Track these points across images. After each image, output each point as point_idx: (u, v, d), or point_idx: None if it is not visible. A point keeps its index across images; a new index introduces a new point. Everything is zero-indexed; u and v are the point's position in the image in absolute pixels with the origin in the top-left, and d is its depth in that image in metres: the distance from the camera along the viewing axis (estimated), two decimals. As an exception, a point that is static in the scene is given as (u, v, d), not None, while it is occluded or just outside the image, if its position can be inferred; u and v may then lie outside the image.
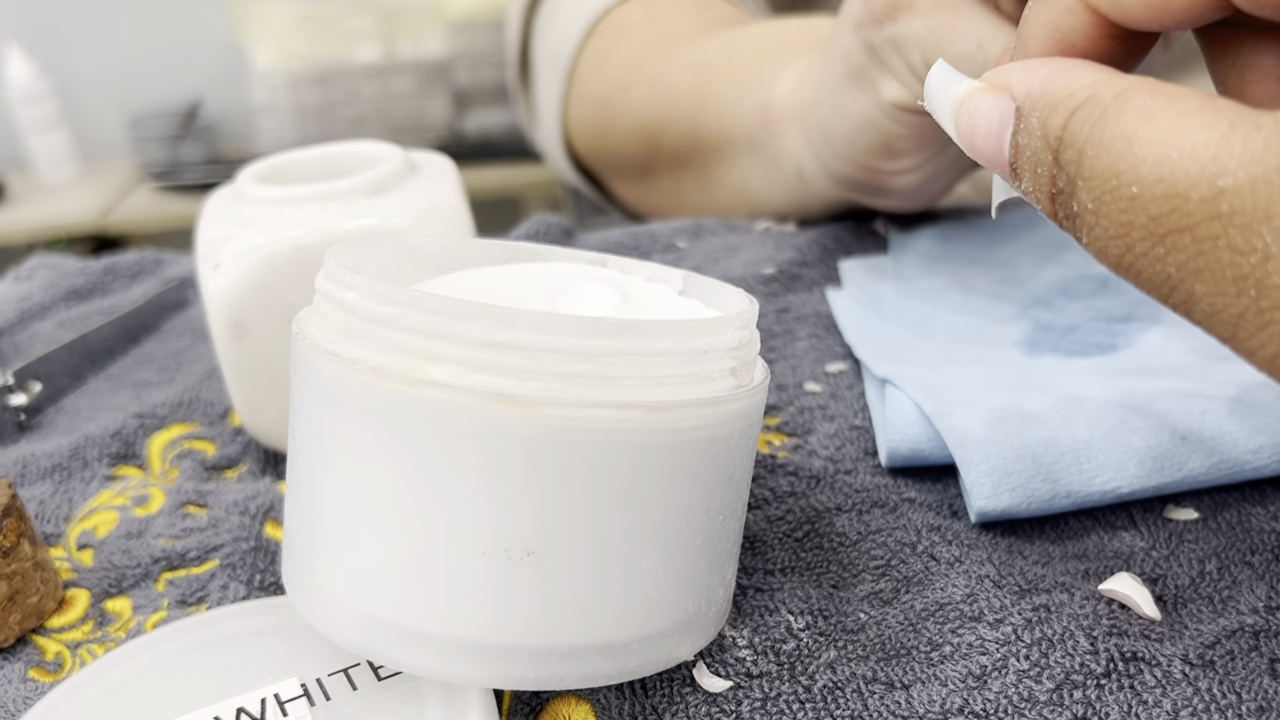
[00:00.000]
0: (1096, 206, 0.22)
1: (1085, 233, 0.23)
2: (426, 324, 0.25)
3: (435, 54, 2.02)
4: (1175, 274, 0.21)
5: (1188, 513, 0.35)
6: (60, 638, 0.34)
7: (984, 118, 0.25)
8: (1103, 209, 0.22)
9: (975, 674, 0.29)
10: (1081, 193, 0.22)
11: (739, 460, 0.28)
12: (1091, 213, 0.22)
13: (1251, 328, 0.20)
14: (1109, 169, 0.21)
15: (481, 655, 0.26)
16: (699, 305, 0.33)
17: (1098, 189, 0.22)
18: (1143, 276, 0.22)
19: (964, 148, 0.26)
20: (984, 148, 0.25)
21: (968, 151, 0.26)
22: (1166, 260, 0.21)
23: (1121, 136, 0.21)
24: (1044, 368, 0.41)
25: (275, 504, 0.39)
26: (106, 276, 0.61)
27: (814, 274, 0.54)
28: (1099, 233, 0.22)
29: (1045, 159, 0.23)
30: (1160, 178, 0.20)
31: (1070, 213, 0.23)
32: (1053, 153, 0.23)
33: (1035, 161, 0.24)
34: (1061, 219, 0.24)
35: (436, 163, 0.43)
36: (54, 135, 2.08)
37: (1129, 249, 0.22)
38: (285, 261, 0.38)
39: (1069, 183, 0.23)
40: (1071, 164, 0.22)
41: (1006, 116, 0.24)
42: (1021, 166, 0.24)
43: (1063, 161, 0.23)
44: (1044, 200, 0.24)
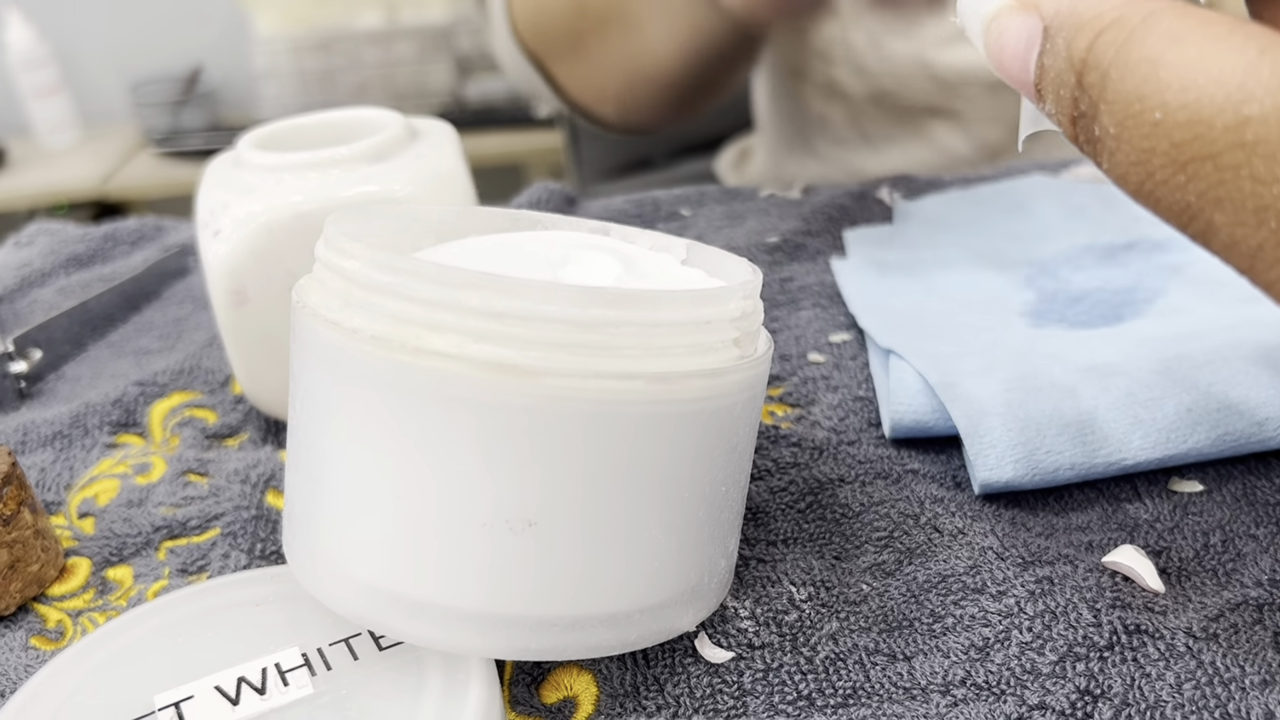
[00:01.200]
0: (1118, 131, 0.21)
1: (1106, 158, 0.22)
2: (427, 293, 0.25)
3: (438, 20, 2.00)
4: (1195, 203, 0.20)
5: (1193, 485, 0.35)
6: (61, 606, 0.34)
7: (1012, 36, 0.24)
8: (1124, 134, 0.21)
9: (978, 646, 0.29)
10: (1104, 117, 0.22)
11: (742, 431, 0.28)
12: (1113, 137, 0.22)
13: (1270, 259, 0.20)
14: (1132, 93, 0.21)
15: (483, 626, 0.26)
16: (702, 275, 0.33)
17: (1120, 113, 0.21)
18: (1162, 204, 0.21)
19: (993, 67, 0.25)
20: (1011, 67, 0.25)
21: (996, 71, 0.25)
22: (1187, 188, 0.20)
23: (1147, 60, 0.21)
24: (1049, 339, 0.41)
25: (276, 472, 0.39)
26: (107, 243, 0.60)
27: (818, 243, 0.54)
28: (1120, 158, 0.22)
29: (1069, 81, 0.23)
30: (1185, 104, 0.20)
31: (1091, 137, 0.22)
32: (1076, 75, 0.22)
33: (1059, 83, 0.23)
34: (1082, 143, 0.23)
35: (438, 129, 0.43)
36: (54, 101, 2.07)
37: (1149, 176, 0.21)
38: (285, 229, 0.37)
39: (1091, 106, 0.22)
40: (1095, 87, 0.22)
41: (1034, 36, 0.24)
42: (1046, 88, 0.24)
43: (1086, 84, 0.22)
44: (1066, 123, 0.23)
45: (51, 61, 2.04)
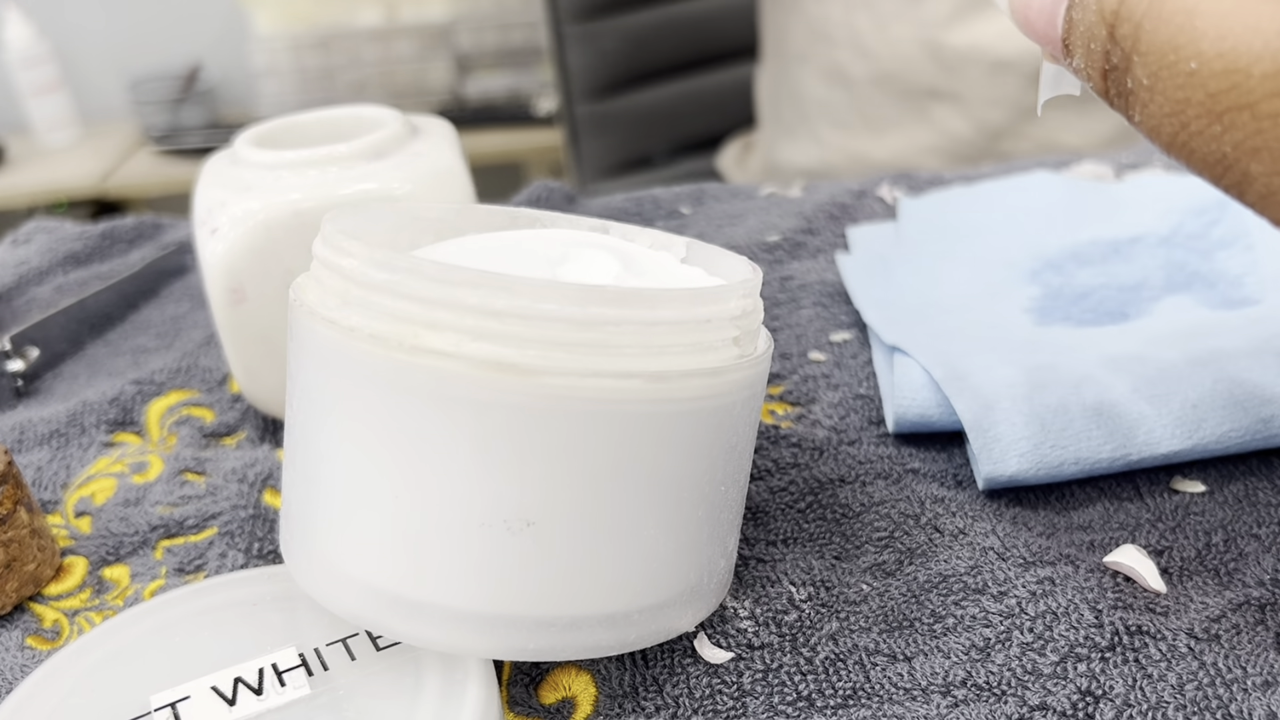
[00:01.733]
0: (1152, 83, 0.21)
1: (1139, 110, 0.22)
2: (425, 291, 0.25)
3: (437, 18, 2.00)
4: (1231, 153, 0.20)
5: (1194, 485, 0.35)
6: (58, 605, 0.34)
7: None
8: (1158, 85, 0.21)
9: (979, 646, 0.29)
10: (1137, 68, 0.22)
11: (741, 430, 0.28)
12: (1146, 89, 0.21)
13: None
14: (1167, 43, 0.21)
15: (481, 626, 0.26)
16: (701, 273, 0.32)
17: (1154, 64, 0.21)
18: (1196, 156, 0.21)
19: (1017, 24, 0.25)
20: (1037, 23, 0.24)
21: (1021, 28, 0.25)
22: (1223, 139, 0.20)
23: (1181, 10, 0.21)
24: (1055, 336, 0.41)
25: (274, 471, 0.39)
26: (105, 241, 0.60)
27: (818, 241, 0.54)
28: (1153, 109, 0.21)
29: (1100, 34, 0.23)
30: (1221, 53, 0.20)
31: (1123, 89, 0.22)
32: (1108, 27, 0.22)
33: (1089, 37, 0.23)
34: (1113, 96, 0.23)
35: (437, 127, 0.43)
36: (53, 98, 2.07)
37: (1184, 126, 0.21)
38: (283, 227, 0.37)
39: (1124, 58, 0.22)
40: (1127, 39, 0.22)
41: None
42: (1074, 42, 0.23)
43: (1118, 36, 0.22)
44: (1096, 77, 0.23)
45: (50, 59, 2.04)
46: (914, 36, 0.70)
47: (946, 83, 0.69)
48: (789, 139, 0.80)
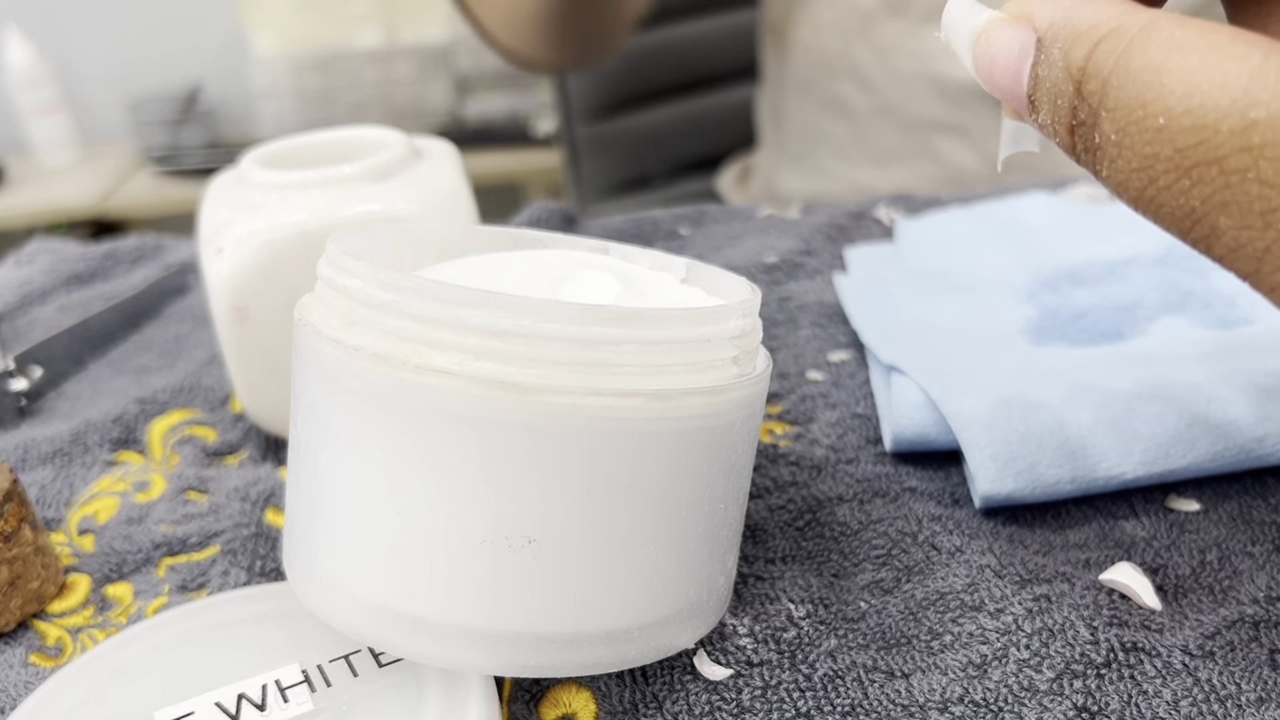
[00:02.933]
0: (1120, 138, 0.22)
1: (1106, 165, 0.22)
2: (428, 311, 0.25)
3: (436, 39, 2.01)
4: (1200, 207, 0.21)
5: (1189, 503, 0.35)
6: (61, 623, 0.34)
7: (1003, 49, 0.24)
8: (1126, 140, 0.21)
9: (976, 663, 0.29)
10: (1105, 124, 0.22)
11: (740, 449, 0.28)
12: (1114, 144, 0.22)
13: (1276, 262, 0.20)
14: (1135, 100, 0.21)
15: (482, 642, 0.26)
16: (701, 293, 0.33)
17: (1122, 120, 0.21)
18: (1164, 210, 0.21)
19: (981, 80, 0.26)
20: (1002, 80, 0.25)
21: (985, 85, 0.25)
22: (1191, 193, 0.21)
23: (1149, 67, 0.21)
24: (1050, 356, 0.41)
25: (276, 490, 0.39)
26: (107, 261, 0.61)
27: (816, 262, 0.54)
28: (1121, 165, 0.22)
29: (1066, 90, 0.23)
30: (1189, 109, 0.20)
31: (1091, 145, 0.23)
32: (1075, 84, 0.23)
33: (1056, 93, 0.23)
34: (1081, 152, 0.23)
35: (440, 149, 0.43)
36: (54, 119, 2.08)
37: (1152, 181, 0.21)
38: (288, 247, 0.37)
39: (1091, 114, 0.22)
40: (1095, 95, 0.22)
41: (1027, 47, 0.24)
42: (1040, 99, 0.24)
43: (1085, 92, 0.22)
44: (1063, 133, 0.23)
45: (51, 80, 2.05)
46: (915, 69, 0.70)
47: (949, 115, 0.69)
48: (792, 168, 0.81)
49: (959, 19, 0.26)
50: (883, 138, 0.73)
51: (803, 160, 0.79)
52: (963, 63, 0.26)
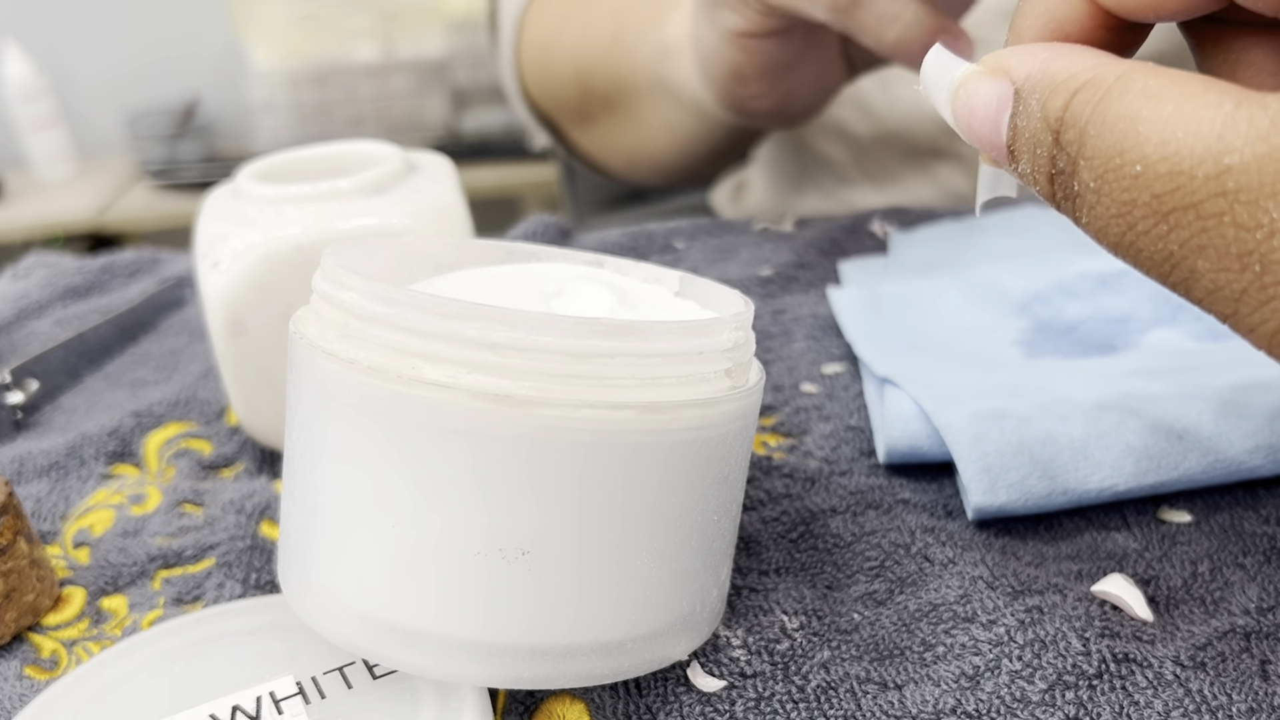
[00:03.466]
0: (1098, 185, 0.22)
1: (1085, 212, 0.23)
2: (423, 324, 0.25)
3: (433, 53, 2.02)
4: (1178, 251, 0.21)
5: (1181, 515, 0.35)
6: (56, 635, 0.34)
7: (982, 100, 0.25)
8: (1105, 188, 0.22)
9: (968, 674, 0.30)
10: (1083, 172, 0.22)
11: (734, 461, 0.29)
12: (1093, 192, 0.22)
13: (1254, 303, 0.20)
14: (1112, 148, 0.22)
15: (476, 654, 0.26)
16: (695, 306, 0.33)
17: (1100, 168, 0.22)
18: (1143, 255, 0.22)
19: (960, 132, 0.26)
20: (981, 130, 0.25)
21: (964, 136, 0.26)
22: (1169, 238, 0.21)
23: (1125, 116, 0.21)
24: (1043, 368, 0.42)
25: (271, 503, 0.39)
26: (104, 275, 0.61)
27: (810, 275, 0.54)
28: (1100, 211, 0.22)
29: (1045, 140, 0.23)
30: (1165, 156, 0.21)
31: (1070, 193, 0.23)
32: (1053, 133, 0.23)
33: (1035, 143, 0.24)
34: (1060, 200, 0.24)
35: (436, 163, 0.43)
36: (51, 133, 2.08)
37: (1130, 227, 0.22)
38: (284, 260, 0.38)
39: (1070, 163, 0.23)
40: (1073, 144, 0.23)
41: (1005, 99, 0.24)
42: (1020, 148, 0.24)
43: (1064, 142, 0.23)
44: (1043, 181, 0.24)
45: (48, 94, 2.05)
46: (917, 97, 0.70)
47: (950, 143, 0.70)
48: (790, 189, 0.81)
49: (937, 72, 0.27)
50: (883, 163, 0.73)
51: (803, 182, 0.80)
52: (942, 114, 0.27)
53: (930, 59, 0.27)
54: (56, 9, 2.15)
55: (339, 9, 2.00)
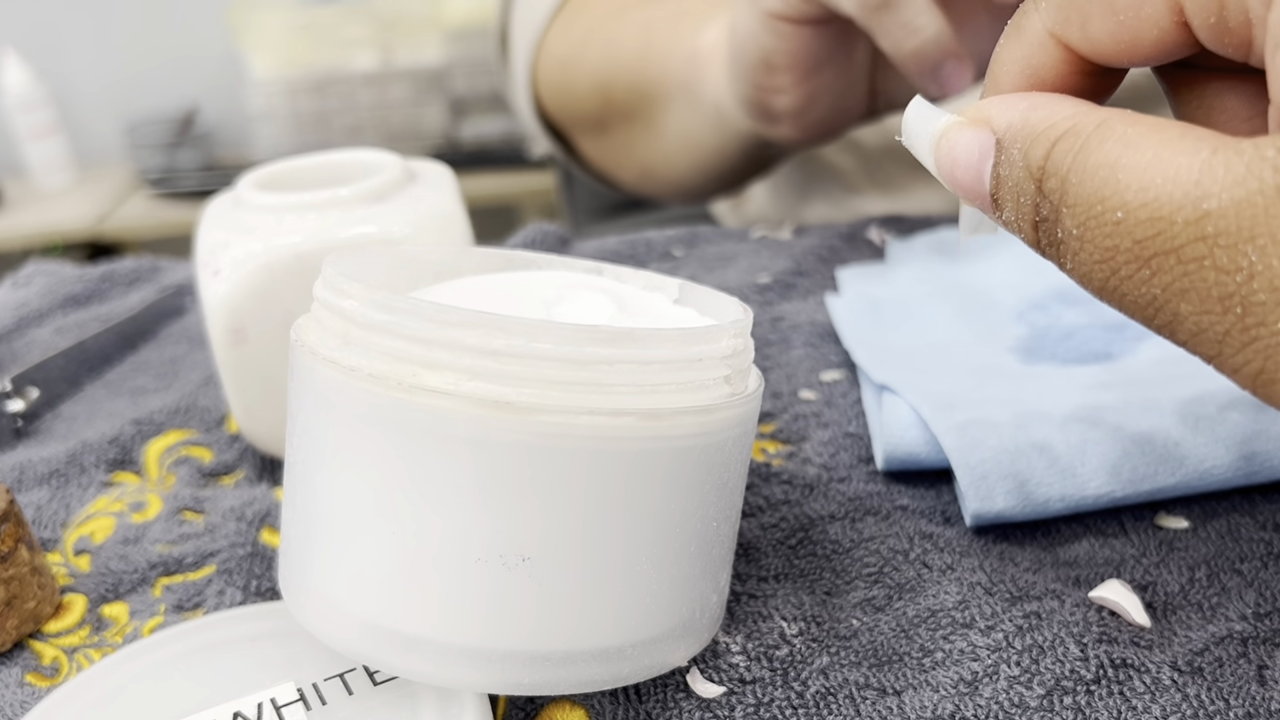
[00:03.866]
0: (1081, 232, 0.22)
1: (1069, 258, 0.23)
2: (423, 331, 0.26)
3: (432, 62, 2.02)
4: (1161, 295, 0.21)
5: (1178, 521, 0.35)
6: (57, 643, 0.34)
7: (964, 150, 0.25)
8: (1087, 234, 0.22)
9: (967, 680, 0.30)
10: (1066, 219, 0.23)
11: (733, 467, 0.29)
12: (1076, 238, 0.23)
13: (1236, 344, 0.21)
14: (1093, 195, 0.22)
15: (477, 660, 0.27)
16: (694, 313, 0.33)
17: (1082, 215, 0.22)
18: (1127, 299, 0.22)
19: (944, 181, 0.27)
20: (964, 179, 0.26)
21: (947, 185, 0.26)
22: (1152, 282, 0.21)
23: (1105, 164, 0.22)
24: (1040, 375, 0.42)
25: (272, 510, 0.39)
26: (104, 283, 0.61)
27: (809, 283, 0.55)
28: (1083, 257, 0.23)
29: (1028, 189, 0.24)
30: (1145, 202, 0.21)
31: (1054, 239, 0.24)
32: (1035, 182, 0.23)
33: (1018, 191, 0.24)
34: (1044, 246, 0.24)
35: (435, 171, 0.43)
36: (50, 142, 2.08)
37: (1114, 272, 0.22)
38: (285, 268, 0.38)
39: (1053, 210, 0.23)
40: (1055, 192, 0.23)
41: (987, 149, 0.25)
42: (1003, 197, 0.25)
43: (1046, 190, 0.23)
44: (1027, 229, 0.24)
45: (48, 103, 2.06)
46: None
47: None
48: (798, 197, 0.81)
49: (918, 123, 0.27)
50: (891, 173, 0.74)
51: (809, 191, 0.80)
52: (924, 164, 0.27)
53: (911, 110, 0.27)
54: (55, 18, 2.15)
55: (338, 18, 2.00)
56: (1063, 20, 0.25)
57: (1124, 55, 0.25)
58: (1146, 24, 0.24)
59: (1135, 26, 0.24)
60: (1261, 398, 0.21)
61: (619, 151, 0.74)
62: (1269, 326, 0.20)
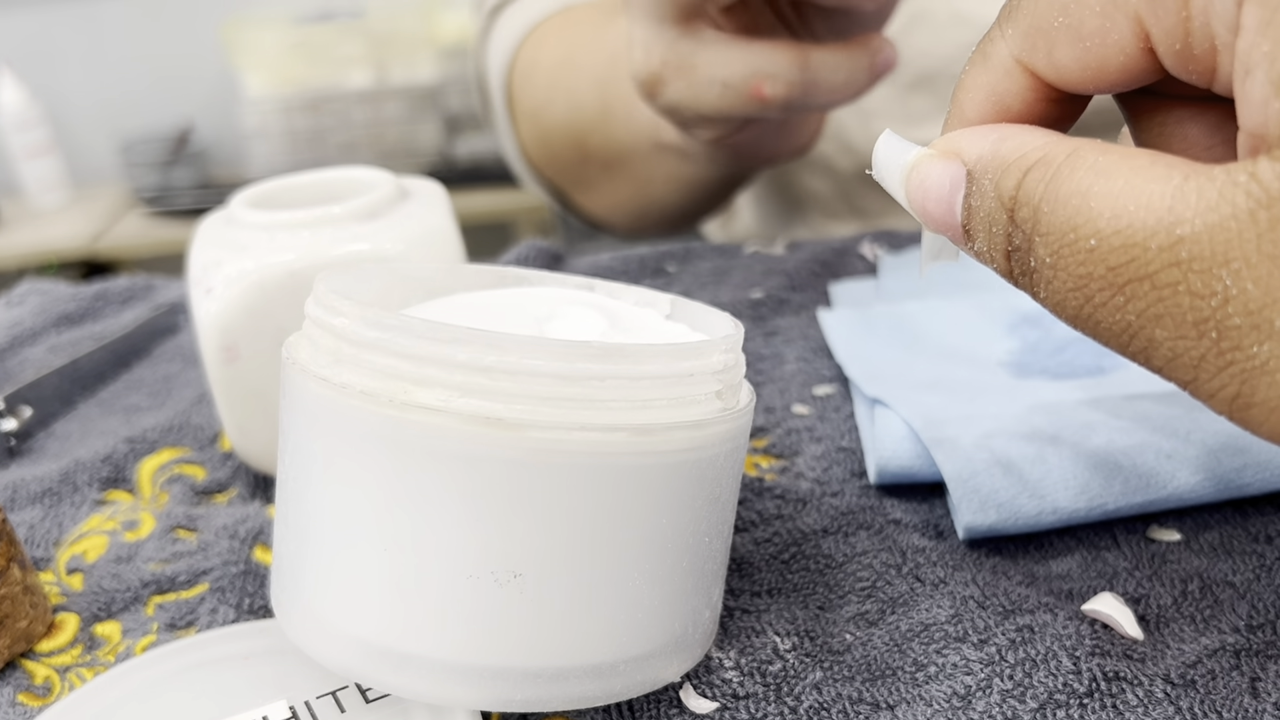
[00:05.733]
0: (1054, 260, 0.23)
1: (1043, 287, 0.23)
2: (414, 348, 0.26)
3: (426, 80, 2.03)
4: (1135, 321, 0.22)
5: (1170, 534, 0.36)
6: (49, 662, 0.34)
7: (935, 182, 0.26)
8: (1060, 262, 0.22)
9: (960, 694, 0.30)
10: (1039, 248, 0.23)
11: (725, 482, 0.29)
12: (1049, 267, 0.23)
13: (1212, 369, 0.21)
14: (1066, 223, 0.22)
15: (469, 677, 0.27)
16: (685, 329, 0.33)
17: (1055, 243, 0.22)
18: (1102, 326, 0.22)
19: (914, 213, 0.27)
20: (935, 211, 0.26)
21: (918, 217, 0.27)
22: (1126, 308, 0.22)
23: (1077, 193, 0.22)
24: (1032, 390, 0.42)
25: (264, 528, 0.39)
26: (97, 302, 0.61)
27: (802, 298, 0.55)
28: (1057, 286, 0.23)
29: (1000, 219, 0.24)
30: (1118, 229, 0.21)
31: (1027, 269, 0.24)
32: (1008, 212, 0.24)
33: (990, 221, 0.24)
34: (1018, 276, 0.24)
35: (428, 189, 0.44)
36: (45, 161, 2.09)
37: (1088, 300, 0.22)
38: (277, 286, 0.38)
39: (1025, 240, 0.23)
40: (1027, 221, 0.23)
41: (958, 180, 0.25)
42: (975, 227, 0.25)
43: (1018, 220, 0.23)
44: (999, 259, 0.24)
45: (42, 122, 2.06)
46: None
47: None
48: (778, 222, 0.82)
49: (889, 156, 0.27)
50: (866, 198, 0.74)
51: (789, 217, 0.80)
52: (895, 197, 0.27)
53: (881, 144, 0.28)
54: (50, 37, 2.16)
55: (332, 36, 2.01)
56: (1029, 47, 0.25)
57: (1090, 82, 0.25)
58: (1112, 50, 0.24)
59: (1101, 53, 0.24)
60: (1238, 422, 0.21)
61: (608, 200, 0.74)
62: (1244, 350, 0.20)
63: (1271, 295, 0.20)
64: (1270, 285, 0.20)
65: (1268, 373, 0.20)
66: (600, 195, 0.74)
